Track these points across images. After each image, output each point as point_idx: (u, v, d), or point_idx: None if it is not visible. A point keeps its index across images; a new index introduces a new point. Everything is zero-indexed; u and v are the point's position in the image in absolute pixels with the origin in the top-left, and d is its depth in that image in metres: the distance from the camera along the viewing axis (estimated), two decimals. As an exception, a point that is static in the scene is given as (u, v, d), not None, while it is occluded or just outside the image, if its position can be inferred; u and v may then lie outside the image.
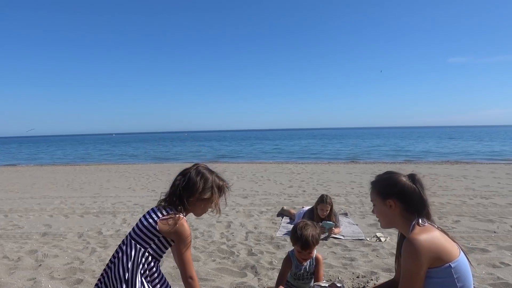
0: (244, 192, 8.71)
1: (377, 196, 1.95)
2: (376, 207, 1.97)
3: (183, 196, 2.01)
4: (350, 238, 4.68)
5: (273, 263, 3.82)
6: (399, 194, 1.86)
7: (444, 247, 1.71)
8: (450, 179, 10.21)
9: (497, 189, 8.35)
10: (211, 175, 2.10)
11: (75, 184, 11.27)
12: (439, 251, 1.69)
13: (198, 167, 2.10)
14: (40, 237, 5.06)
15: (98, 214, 6.57)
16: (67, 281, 3.42)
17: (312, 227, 2.73)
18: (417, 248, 1.66)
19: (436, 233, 1.75)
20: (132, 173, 14.19)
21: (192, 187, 2.02)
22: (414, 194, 1.85)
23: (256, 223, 5.61)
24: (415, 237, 1.70)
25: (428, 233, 1.73)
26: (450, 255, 1.70)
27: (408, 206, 1.85)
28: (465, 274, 1.73)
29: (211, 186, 2.07)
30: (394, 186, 1.89)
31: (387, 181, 1.94)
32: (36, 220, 6.18)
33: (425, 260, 1.67)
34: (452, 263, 1.69)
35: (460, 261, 1.72)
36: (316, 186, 9.48)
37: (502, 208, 6.24)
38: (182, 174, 2.09)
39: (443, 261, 1.69)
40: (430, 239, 1.70)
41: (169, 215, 1.95)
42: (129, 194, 8.94)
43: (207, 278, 3.41)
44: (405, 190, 1.86)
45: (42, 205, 7.58)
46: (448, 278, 1.70)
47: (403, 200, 1.86)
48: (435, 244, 1.69)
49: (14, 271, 3.69)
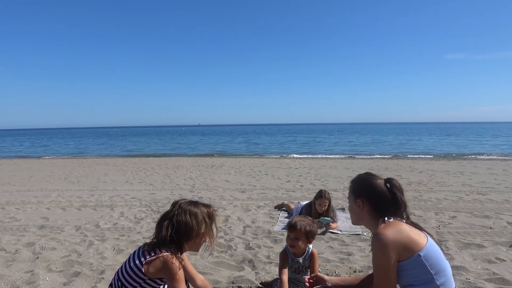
0: (241, 187, 8.72)
1: (350, 194, 2.07)
2: (349, 204, 2.10)
3: (181, 241, 1.94)
4: (347, 233, 4.71)
5: (271, 257, 3.83)
6: (369, 196, 1.95)
7: (410, 237, 1.78)
8: (447, 175, 10.26)
9: (493, 185, 8.40)
10: (197, 208, 2.02)
11: (73, 177, 11.24)
12: (405, 241, 1.76)
13: (181, 206, 2.00)
14: (38, 230, 5.05)
15: (96, 207, 6.56)
16: (64, 273, 3.42)
17: (308, 221, 2.78)
18: (384, 241, 1.74)
19: (402, 226, 1.82)
20: (129, 167, 14.16)
21: (186, 229, 1.93)
22: (385, 198, 1.92)
23: (254, 217, 5.62)
24: (380, 232, 1.78)
25: (394, 227, 1.80)
26: (417, 245, 1.76)
27: (376, 208, 1.93)
28: (437, 260, 1.78)
29: (203, 218, 1.99)
30: (366, 187, 1.98)
31: (362, 181, 2.03)
32: (33, 212, 6.17)
33: (392, 252, 1.74)
34: (420, 252, 1.75)
35: (428, 248, 1.78)
36: (314, 181, 9.50)
37: (498, 204, 6.28)
38: (167, 218, 1.97)
39: (411, 251, 1.75)
40: (395, 231, 1.78)
41: (156, 255, 1.88)
42: (127, 187, 8.93)
43: (205, 272, 3.42)
44: (376, 192, 1.94)
45: (39, 198, 7.57)
46: (421, 268, 1.75)
47: (372, 201, 1.94)
48: (401, 235, 1.77)
49: (11, 264, 3.69)
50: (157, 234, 1.96)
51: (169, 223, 1.93)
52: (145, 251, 1.92)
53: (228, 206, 6.47)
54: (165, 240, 1.90)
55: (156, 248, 1.91)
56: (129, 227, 5.12)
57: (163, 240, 1.91)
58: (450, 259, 3.66)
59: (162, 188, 8.77)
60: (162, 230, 1.92)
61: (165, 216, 1.99)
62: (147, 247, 1.94)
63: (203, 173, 11.82)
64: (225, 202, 6.85)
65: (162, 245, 1.91)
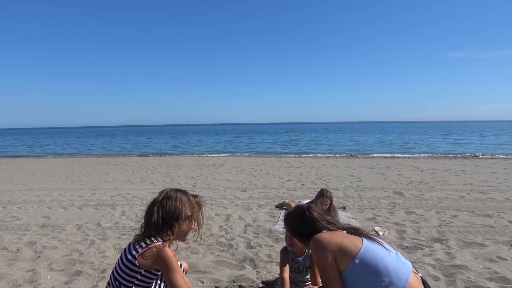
0: (243, 186, 8.72)
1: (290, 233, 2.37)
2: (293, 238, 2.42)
3: (168, 225, 1.91)
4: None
5: (272, 256, 3.83)
6: (300, 235, 2.20)
7: (343, 241, 1.91)
8: (449, 174, 10.24)
9: (495, 184, 8.38)
10: (185, 195, 2.03)
11: (74, 176, 11.26)
12: (339, 243, 1.90)
13: (167, 193, 2.00)
14: (39, 229, 5.06)
15: (97, 206, 6.57)
16: (66, 272, 3.43)
17: None
18: (319, 241, 1.93)
19: (337, 232, 2.01)
20: (130, 166, 14.18)
21: (176, 211, 1.93)
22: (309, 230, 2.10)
23: (255, 216, 5.62)
24: (315, 236, 1.98)
25: (326, 233, 2.00)
26: (351, 250, 1.87)
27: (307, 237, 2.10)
28: (376, 262, 1.82)
29: (191, 205, 2.00)
30: (296, 230, 2.24)
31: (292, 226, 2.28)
32: (35, 212, 6.18)
33: (328, 250, 1.89)
34: (356, 259, 1.83)
35: (363, 252, 1.85)
36: (315, 180, 9.49)
37: (499, 203, 6.27)
38: (155, 205, 1.96)
39: (347, 255, 1.86)
40: (329, 234, 1.98)
41: (147, 246, 1.85)
42: (128, 186, 8.94)
43: (206, 271, 3.43)
44: (305, 232, 2.13)
45: (40, 197, 7.58)
46: (361, 275, 1.82)
47: (304, 237, 2.15)
48: (334, 237, 1.94)
49: (13, 262, 3.69)
50: (147, 222, 1.93)
51: (159, 207, 1.93)
52: (135, 243, 1.89)
53: (229, 205, 6.47)
54: (157, 225, 1.89)
55: (146, 238, 1.88)
56: (130, 226, 5.13)
57: (156, 225, 1.89)
58: (452, 258, 3.66)
59: (163, 187, 8.74)
60: (153, 215, 1.91)
61: (153, 203, 1.97)
62: (138, 238, 1.92)
63: (204, 172, 11.83)
64: (226, 201, 6.85)
65: (155, 232, 1.89)
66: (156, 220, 1.89)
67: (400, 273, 1.83)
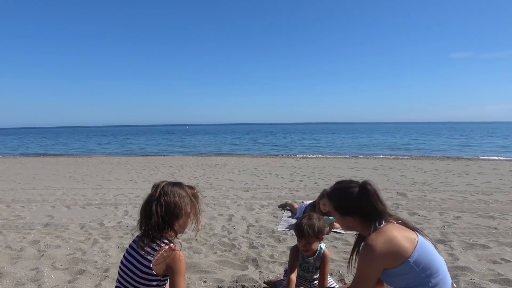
0: (245, 186, 8.73)
1: (335, 211, 2.06)
2: (336, 219, 2.09)
3: (172, 222, 1.86)
4: (351, 232, 4.69)
5: (274, 256, 3.83)
6: (356, 211, 1.95)
7: (399, 246, 1.76)
8: (452, 175, 10.20)
9: (498, 185, 8.34)
10: (181, 188, 1.95)
11: (77, 175, 11.30)
12: (394, 250, 1.75)
13: (164, 187, 1.92)
14: (43, 228, 5.08)
15: (100, 205, 6.59)
16: (69, 271, 3.44)
17: (315, 219, 2.71)
18: (372, 253, 1.75)
19: (392, 233, 1.81)
20: (133, 166, 14.21)
21: (175, 208, 1.87)
22: (368, 206, 1.92)
23: (258, 216, 5.62)
24: (371, 243, 1.78)
25: (384, 235, 1.80)
26: (406, 251, 1.76)
27: (365, 217, 1.93)
28: (429, 262, 1.78)
29: (189, 199, 1.94)
30: (350, 203, 1.97)
31: (343, 197, 2.00)
32: (38, 210, 6.21)
33: (380, 264, 1.76)
34: (410, 258, 1.75)
35: (418, 251, 1.77)
36: (318, 181, 9.49)
37: (503, 205, 6.24)
38: (152, 202, 1.87)
39: (401, 258, 1.75)
40: (385, 241, 1.77)
41: (157, 252, 1.81)
42: (131, 186, 8.96)
43: (209, 271, 3.43)
44: (361, 205, 1.93)
45: (44, 196, 7.62)
46: (412, 272, 1.76)
47: (360, 214, 1.94)
48: (391, 244, 1.76)
49: (17, 261, 3.71)
50: (146, 222, 1.87)
51: (156, 205, 1.85)
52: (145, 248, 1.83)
53: (231, 205, 6.47)
54: (158, 225, 1.83)
55: (152, 243, 1.83)
56: (133, 225, 5.13)
57: (157, 225, 1.83)
58: (455, 259, 3.64)
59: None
60: (152, 215, 1.84)
61: (149, 201, 1.90)
62: (143, 244, 1.84)
63: (206, 172, 11.84)
64: (228, 201, 6.86)
65: (159, 233, 1.84)
66: (156, 220, 1.83)
67: (447, 278, 1.84)
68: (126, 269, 1.91)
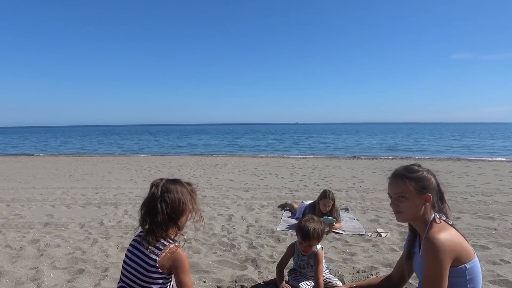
0: (245, 186, 8.73)
1: (412, 189, 1.87)
2: (407, 200, 1.87)
3: (176, 220, 1.88)
4: (350, 233, 4.69)
5: (274, 256, 3.83)
6: (434, 189, 1.88)
7: (463, 247, 1.71)
8: (452, 176, 10.20)
9: (498, 186, 8.34)
10: (181, 185, 1.97)
11: (77, 175, 11.31)
12: (458, 250, 1.68)
13: (165, 185, 1.92)
14: (42, 227, 5.08)
15: (100, 205, 6.59)
16: (68, 270, 3.44)
17: (317, 223, 2.84)
18: (439, 247, 1.65)
19: (453, 232, 1.75)
20: (133, 165, 14.22)
21: (180, 205, 1.88)
22: (440, 190, 1.90)
23: (257, 216, 5.62)
24: (435, 236, 1.68)
25: (446, 232, 1.72)
26: (467, 256, 1.70)
27: (438, 201, 1.88)
28: (477, 276, 1.73)
29: (189, 195, 1.96)
30: (429, 180, 1.89)
31: (423, 175, 1.92)
32: (38, 210, 6.21)
33: (447, 259, 1.65)
34: (467, 265, 1.69)
35: (475, 262, 1.73)
36: (318, 181, 9.49)
37: (503, 206, 6.24)
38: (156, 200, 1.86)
39: (460, 261, 1.68)
40: (450, 238, 1.69)
41: (162, 251, 1.83)
42: (131, 185, 8.96)
43: (208, 270, 3.43)
44: (438, 185, 1.90)
45: (44, 195, 7.62)
46: (461, 278, 1.70)
47: (436, 194, 1.88)
48: (455, 243, 1.69)
49: (16, 260, 3.71)
50: (150, 220, 1.87)
51: (161, 202, 1.85)
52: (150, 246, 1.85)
53: (231, 205, 6.47)
54: (164, 222, 1.84)
55: (157, 242, 1.85)
56: (133, 225, 5.14)
57: (163, 223, 1.84)
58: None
59: (166, 186, 8.79)
60: (158, 213, 1.84)
61: (152, 199, 1.88)
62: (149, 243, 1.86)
63: (207, 172, 11.84)
64: (228, 201, 6.86)
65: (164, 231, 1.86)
66: (162, 218, 1.83)
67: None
68: (130, 268, 1.91)
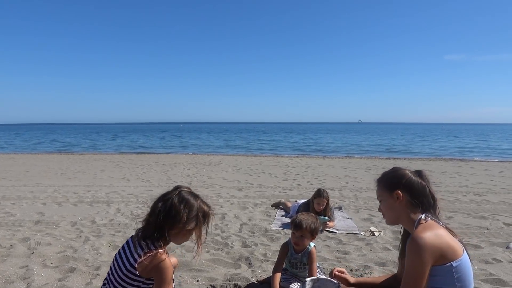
0: (239, 185, 8.71)
1: (384, 191, 1.97)
2: (383, 203, 1.98)
3: (164, 227, 1.82)
4: (344, 232, 4.70)
5: (267, 255, 3.82)
6: (405, 186, 1.89)
7: (449, 246, 1.70)
8: (444, 176, 10.28)
9: (490, 186, 8.43)
10: (196, 201, 1.90)
11: (69, 172, 11.19)
12: (443, 249, 1.68)
13: (181, 192, 1.89)
14: (33, 225, 5.01)
15: (92, 203, 6.52)
16: (59, 269, 3.39)
17: (312, 218, 2.88)
18: (421, 246, 1.66)
19: (440, 231, 1.74)
20: (126, 163, 14.12)
21: (175, 216, 1.82)
22: (420, 187, 1.88)
23: (251, 215, 5.61)
24: (419, 235, 1.69)
25: (432, 230, 1.72)
26: (453, 254, 1.70)
27: (413, 198, 1.87)
28: (466, 274, 1.73)
29: (196, 214, 1.87)
30: (400, 178, 1.92)
31: (394, 174, 1.97)
32: (29, 208, 6.13)
33: (429, 258, 1.66)
34: (454, 263, 1.69)
35: (463, 260, 1.72)
36: (311, 180, 9.50)
37: (494, 205, 6.30)
38: (162, 200, 1.87)
39: (446, 259, 1.68)
40: (434, 236, 1.69)
41: (145, 254, 1.78)
42: (123, 184, 8.89)
43: (201, 269, 3.41)
44: (411, 182, 1.89)
45: (35, 193, 7.52)
46: (448, 277, 1.70)
47: (409, 191, 1.88)
48: (439, 242, 1.69)
49: (6, 259, 3.65)
50: (147, 217, 1.87)
51: (162, 205, 1.84)
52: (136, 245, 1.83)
53: (225, 203, 6.45)
54: (155, 224, 1.81)
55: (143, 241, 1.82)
56: (125, 223, 5.10)
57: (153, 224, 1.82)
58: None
59: (159, 185, 8.75)
60: (154, 210, 1.84)
61: (163, 197, 1.90)
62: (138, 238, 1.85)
63: (200, 170, 11.80)
64: (222, 199, 6.83)
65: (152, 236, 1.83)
66: (154, 219, 1.82)
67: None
68: (113, 265, 1.90)
